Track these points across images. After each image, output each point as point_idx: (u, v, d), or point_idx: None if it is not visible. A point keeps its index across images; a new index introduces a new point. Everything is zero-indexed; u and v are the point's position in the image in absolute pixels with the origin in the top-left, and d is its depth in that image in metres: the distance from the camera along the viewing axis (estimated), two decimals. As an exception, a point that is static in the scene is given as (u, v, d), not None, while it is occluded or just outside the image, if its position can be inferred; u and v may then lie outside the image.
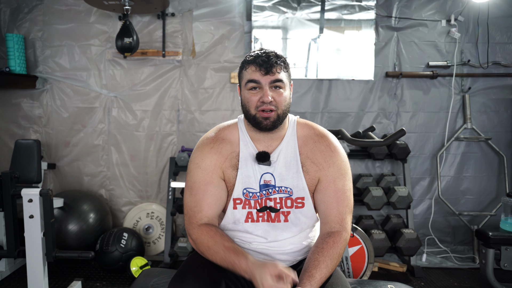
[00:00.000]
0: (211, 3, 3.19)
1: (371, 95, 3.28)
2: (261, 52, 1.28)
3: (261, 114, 1.26)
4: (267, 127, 1.27)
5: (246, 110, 1.29)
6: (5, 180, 2.10)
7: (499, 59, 3.23)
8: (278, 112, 1.26)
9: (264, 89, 1.25)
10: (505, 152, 3.25)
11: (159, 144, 3.29)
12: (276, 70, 1.25)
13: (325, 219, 1.30)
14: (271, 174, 1.31)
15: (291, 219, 1.32)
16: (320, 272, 1.18)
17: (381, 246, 2.79)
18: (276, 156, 1.32)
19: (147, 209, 3.26)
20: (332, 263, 1.22)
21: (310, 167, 1.31)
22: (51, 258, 2.06)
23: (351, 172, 1.40)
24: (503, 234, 2.38)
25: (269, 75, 1.25)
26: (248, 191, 1.31)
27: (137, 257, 2.76)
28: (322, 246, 1.24)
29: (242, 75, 1.31)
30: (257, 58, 1.27)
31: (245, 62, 1.30)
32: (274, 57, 1.27)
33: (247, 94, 1.28)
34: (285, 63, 1.30)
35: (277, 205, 1.31)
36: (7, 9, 3.21)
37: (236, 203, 1.32)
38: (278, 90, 1.26)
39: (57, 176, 3.33)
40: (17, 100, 3.28)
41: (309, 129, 1.37)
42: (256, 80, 1.25)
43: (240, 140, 1.35)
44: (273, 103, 1.25)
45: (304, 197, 1.31)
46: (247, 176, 1.31)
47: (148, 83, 3.25)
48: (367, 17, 3.18)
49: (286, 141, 1.34)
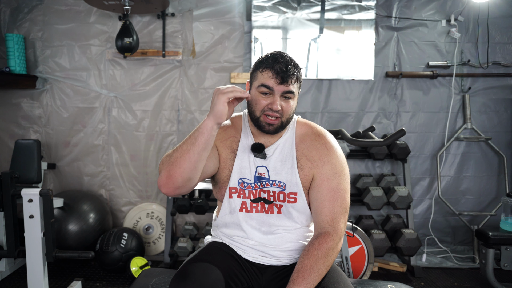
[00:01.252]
0: (211, 3, 3.19)
1: (371, 95, 3.28)
2: (281, 59, 1.26)
3: (266, 119, 1.28)
4: (269, 131, 1.30)
5: (252, 110, 1.31)
6: (5, 180, 2.10)
7: (499, 59, 3.23)
8: (282, 120, 1.29)
9: (275, 97, 1.26)
10: (505, 152, 3.25)
11: (159, 144, 3.29)
12: (291, 82, 1.26)
13: (317, 218, 1.30)
14: (265, 167, 1.33)
15: (283, 212, 1.34)
16: (303, 276, 1.17)
17: (381, 246, 2.80)
18: (272, 151, 1.34)
19: (147, 209, 3.26)
20: (319, 266, 1.20)
21: (305, 164, 1.33)
22: (51, 258, 2.06)
23: (351, 172, 1.41)
24: (503, 234, 2.38)
25: (283, 85, 1.25)
26: (244, 181, 1.34)
27: (137, 257, 2.76)
28: (308, 249, 1.24)
29: (256, 75, 1.29)
30: (276, 65, 1.25)
31: (263, 64, 1.28)
32: (293, 67, 1.26)
33: (257, 96, 1.29)
34: (300, 74, 1.30)
35: (271, 197, 1.34)
36: (7, 9, 3.21)
37: (231, 192, 1.35)
38: (288, 100, 1.28)
39: (57, 176, 3.33)
40: (17, 100, 3.28)
41: (307, 128, 1.39)
42: (270, 87, 1.25)
43: (242, 131, 1.39)
44: (280, 112, 1.27)
45: (297, 193, 1.32)
46: (243, 167, 1.34)
47: (148, 83, 3.25)
48: (367, 17, 3.19)
49: (285, 138, 1.36)
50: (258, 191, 1.34)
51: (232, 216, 1.37)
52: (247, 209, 1.35)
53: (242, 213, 1.35)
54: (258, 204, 1.34)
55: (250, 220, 1.35)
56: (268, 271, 1.35)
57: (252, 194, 1.34)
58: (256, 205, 1.35)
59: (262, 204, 1.34)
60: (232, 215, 1.36)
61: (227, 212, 1.37)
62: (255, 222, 1.35)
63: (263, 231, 1.34)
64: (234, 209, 1.36)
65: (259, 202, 1.34)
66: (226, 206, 1.37)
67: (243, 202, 1.35)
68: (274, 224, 1.34)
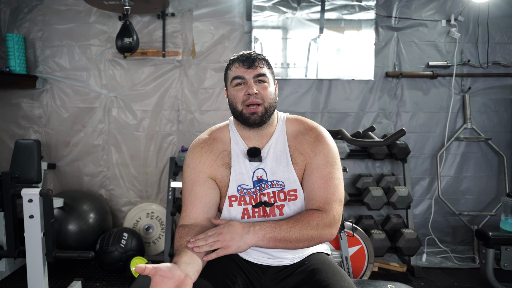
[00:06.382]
0: (211, 3, 3.19)
1: (371, 95, 3.28)
2: (244, 52, 1.35)
3: (248, 110, 1.28)
4: (255, 121, 1.29)
5: (233, 108, 1.32)
6: (5, 180, 2.10)
7: (499, 59, 3.23)
8: (265, 105, 1.29)
9: (248, 82, 1.29)
10: (505, 152, 3.25)
11: (159, 144, 3.29)
12: (259, 65, 1.30)
13: (308, 197, 1.29)
14: (262, 169, 1.33)
15: (286, 212, 1.33)
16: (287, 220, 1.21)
17: (381, 246, 2.80)
18: (266, 152, 1.34)
19: (147, 209, 3.26)
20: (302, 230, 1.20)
21: (298, 158, 1.33)
22: (51, 258, 2.06)
23: (351, 172, 1.41)
24: (503, 234, 2.38)
25: (252, 69, 1.29)
26: (243, 187, 1.33)
27: (137, 257, 2.76)
28: (295, 216, 1.25)
29: (227, 75, 1.36)
30: (239, 56, 1.33)
31: (229, 63, 1.36)
32: (255, 54, 1.32)
33: (233, 91, 1.31)
34: (267, 61, 1.35)
35: (271, 199, 1.33)
36: (7, 9, 3.21)
37: (231, 200, 1.33)
38: (263, 84, 1.30)
39: (57, 176, 3.33)
40: (17, 100, 3.28)
41: (298, 124, 1.39)
42: (240, 75, 1.30)
43: (231, 139, 1.38)
44: (259, 96, 1.28)
45: (296, 189, 1.32)
46: (240, 173, 1.33)
47: (148, 83, 3.25)
48: (367, 17, 3.19)
49: (276, 137, 1.36)
50: (258, 195, 1.33)
51: None
52: (249, 215, 1.33)
53: (244, 220, 1.33)
54: (259, 208, 1.33)
55: None
56: (270, 270, 1.34)
57: (252, 199, 1.33)
58: (258, 210, 1.33)
59: (263, 208, 1.33)
60: None
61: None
62: None
63: None
64: (235, 218, 1.33)
65: (261, 207, 1.33)
66: (226, 216, 1.34)
67: (244, 209, 1.33)
68: None
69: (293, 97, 3.27)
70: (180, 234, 1.24)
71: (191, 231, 1.24)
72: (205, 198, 1.32)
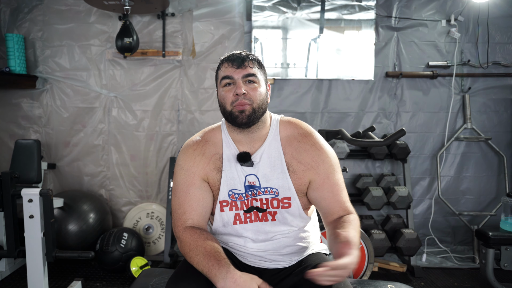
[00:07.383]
0: (211, 3, 3.19)
1: (371, 95, 3.28)
2: (235, 52, 1.31)
3: (236, 109, 1.24)
4: (243, 121, 1.24)
5: (223, 108, 1.28)
6: (5, 180, 2.10)
7: (499, 59, 3.23)
8: (253, 106, 1.24)
9: (237, 82, 1.24)
10: (505, 152, 3.25)
11: (159, 144, 3.29)
12: (248, 64, 1.26)
13: (329, 211, 1.30)
14: (255, 175, 1.30)
15: (278, 218, 1.31)
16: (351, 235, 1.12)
17: (381, 246, 2.79)
18: (259, 157, 1.30)
19: (147, 209, 3.26)
20: (357, 231, 1.20)
21: (297, 167, 1.29)
22: (51, 258, 2.06)
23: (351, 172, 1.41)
24: (503, 234, 2.38)
25: (241, 68, 1.25)
26: (234, 192, 1.30)
27: (137, 257, 2.76)
28: (336, 225, 1.23)
29: (217, 76, 1.32)
30: (229, 56, 1.29)
31: (219, 63, 1.32)
32: (246, 53, 1.29)
33: (222, 91, 1.27)
34: (258, 61, 1.31)
35: (264, 205, 1.30)
36: (7, 9, 3.21)
37: (223, 205, 1.31)
38: (252, 84, 1.25)
39: (57, 176, 3.33)
40: (17, 100, 3.28)
41: (292, 128, 1.35)
42: (229, 75, 1.25)
43: (223, 142, 1.33)
44: (247, 97, 1.24)
45: (290, 197, 1.30)
46: (232, 178, 1.30)
47: (148, 83, 3.25)
48: (367, 17, 3.18)
49: (269, 142, 1.32)
50: (250, 200, 1.30)
51: (226, 229, 1.33)
52: (241, 220, 1.31)
53: (236, 225, 1.32)
54: (251, 213, 1.31)
55: (245, 231, 1.32)
56: (267, 273, 1.33)
57: (244, 204, 1.31)
58: (249, 215, 1.31)
59: (255, 213, 1.31)
60: (226, 228, 1.33)
61: (220, 225, 1.34)
62: (251, 232, 1.31)
63: (260, 239, 1.31)
64: (227, 223, 1.32)
65: (252, 211, 1.31)
66: (218, 220, 1.33)
67: (236, 214, 1.31)
68: (271, 231, 1.31)
69: (293, 97, 3.27)
70: (195, 236, 1.23)
71: (207, 234, 1.25)
72: (202, 201, 1.30)
